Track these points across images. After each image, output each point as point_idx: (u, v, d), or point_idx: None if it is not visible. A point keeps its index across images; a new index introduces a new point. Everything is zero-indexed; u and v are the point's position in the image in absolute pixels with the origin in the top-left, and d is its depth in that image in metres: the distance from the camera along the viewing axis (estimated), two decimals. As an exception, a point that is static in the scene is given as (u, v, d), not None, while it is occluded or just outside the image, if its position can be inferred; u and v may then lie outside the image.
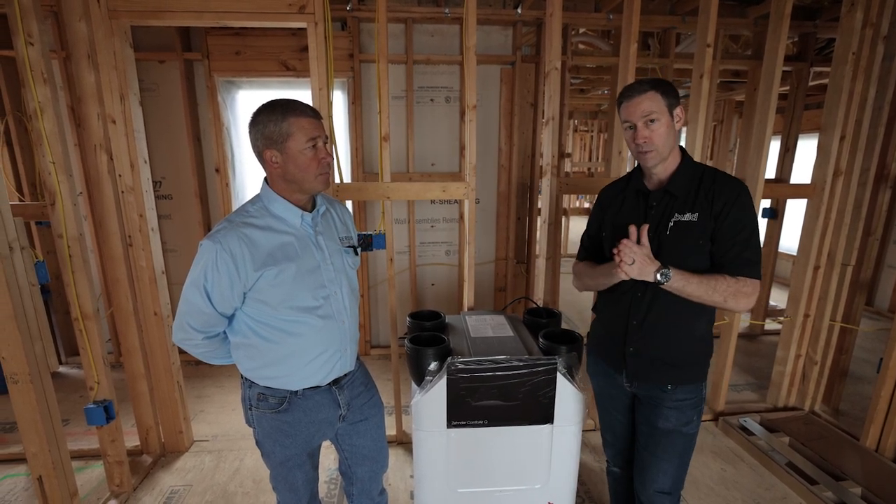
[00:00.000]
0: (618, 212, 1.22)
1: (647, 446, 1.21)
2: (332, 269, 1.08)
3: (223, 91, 2.73)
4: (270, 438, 1.09)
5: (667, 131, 1.06)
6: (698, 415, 1.19)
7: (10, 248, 1.29)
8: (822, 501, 1.71)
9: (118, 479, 1.77)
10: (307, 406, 1.08)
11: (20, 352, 1.32)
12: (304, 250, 1.03)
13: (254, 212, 1.02)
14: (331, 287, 1.07)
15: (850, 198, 2.11)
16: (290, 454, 1.10)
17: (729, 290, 1.02)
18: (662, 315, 1.12)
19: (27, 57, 1.38)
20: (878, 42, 1.97)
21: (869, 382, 2.70)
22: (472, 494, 1.29)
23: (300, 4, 1.63)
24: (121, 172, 1.73)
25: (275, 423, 1.08)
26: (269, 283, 0.98)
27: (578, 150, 8.59)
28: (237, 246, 0.96)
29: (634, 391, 1.23)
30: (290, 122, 0.96)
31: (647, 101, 1.05)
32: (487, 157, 2.99)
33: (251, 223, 1.00)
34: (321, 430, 1.13)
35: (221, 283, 0.96)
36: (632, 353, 1.18)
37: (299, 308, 1.02)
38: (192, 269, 0.99)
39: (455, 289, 3.16)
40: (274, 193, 1.02)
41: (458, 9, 2.55)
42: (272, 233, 1.01)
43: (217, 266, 0.95)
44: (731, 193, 1.05)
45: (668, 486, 1.21)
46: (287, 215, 1.03)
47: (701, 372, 1.17)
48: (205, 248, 0.96)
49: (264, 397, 1.07)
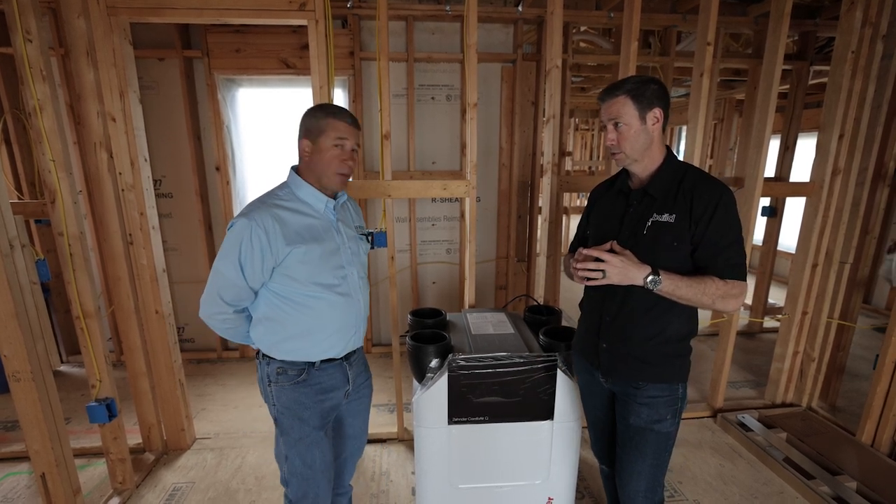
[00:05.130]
0: (601, 210, 1.25)
1: (623, 444, 1.21)
2: (349, 252, 1.18)
3: (223, 89, 2.72)
4: (290, 412, 1.15)
5: (635, 135, 1.08)
6: (673, 414, 1.15)
7: (11, 246, 1.29)
8: (819, 496, 1.72)
9: (121, 476, 1.78)
10: (322, 378, 1.16)
11: (22, 350, 1.32)
12: (326, 233, 1.13)
13: (283, 195, 1.12)
14: (348, 268, 1.17)
15: (848, 196, 2.12)
16: (308, 430, 1.16)
17: (718, 293, 1.04)
18: (634, 311, 1.12)
19: (26, 54, 1.37)
20: (877, 41, 1.97)
21: (865, 379, 2.72)
22: (473, 490, 1.31)
23: (301, 2, 1.63)
24: (121, 170, 1.73)
25: (293, 394, 1.14)
26: (298, 260, 1.08)
27: (579, 148, 8.58)
28: (270, 223, 1.05)
29: (610, 387, 1.23)
30: (328, 122, 1.10)
31: (616, 105, 1.08)
32: (488, 155, 2.99)
33: (281, 205, 1.10)
34: (334, 404, 1.20)
35: (254, 256, 1.05)
36: (604, 348, 1.18)
37: (323, 285, 1.11)
38: (224, 246, 1.07)
39: (456, 287, 3.16)
40: (301, 180, 1.14)
41: (459, 6, 2.54)
42: (300, 215, 1.11)
43: (251, 241, 1.04)
44: (711, 198, 1.04)
45: (642, 487, 1.20)
46: (312, 200, 1.14)
47: (675, 373, 1.14)
48: (240, 224, 1.05)
49: (283, 370, 1.14)
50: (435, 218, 3.07)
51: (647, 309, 1.11)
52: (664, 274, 1.03)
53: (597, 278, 1.06)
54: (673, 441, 1.18)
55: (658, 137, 1.10)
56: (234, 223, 1.07)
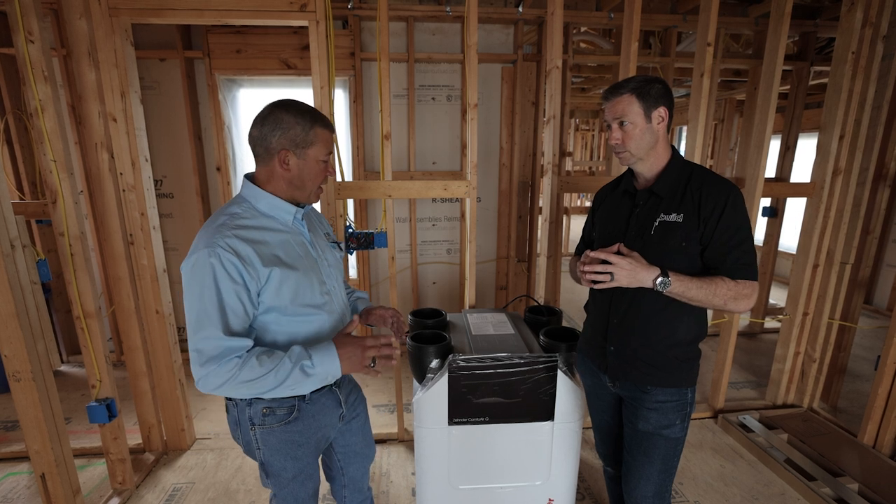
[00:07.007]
0: (606, 211, 1.23)
1: (630, 449, 1.20)
2: (327, 264, 1.08)
3: (224, 89, 2.73)
4: (280, 454, 1.03)
5: (640, 134, 1.06)
6: (682, 419, 1.14)
7: (12, 246, 1.29)
8: (820, 497, 1.72)
9: (121, 476, 1.78)
10: (314, 410, 1.05)
11: (22, 350, 1.32)
12: (300, 247, 1.01)
13: (242, 213, 0.96)
14: (329, 283, 1.06)
15: (849, 196, 2.11)
16: (302, 466, 1.06)
17: (729, 294, 1.02)
18: (643, 314, 1.11)
19: (27, 55, 1.38)
20: (878, 41, 1.97)
21: (867, 380, 2.72)
22: (473, 491, 1.30)
23: (301, 2, 1.63)
24: (122, 171, 1.73)
25: (284, 435, 1.02)
26: (278, 281, 0.93)
27: (579, 148, 8.59)
28: (239, 245, 0.89)
29: (617, 391, 1.22)
30: (318, 133, 0.96)
31: (621, 104, 1.06)
32: (489, 155, 2.99)
33: (244, 224, 0.93)
34: (327, 433, 1.11)
35: (238, 287, 0.88)
36: (612, 351, 1.17)
37: (310, 305, 0.99)
38: (192, 291, 0.87)
39: (456, 287, 3.16)
40: (262, 191, 0.98)
41: (460, 7, 2.54)
42: (268, 231, 0.96)
43: (226, 270, 0.87)
44: (720, 197, 1.03)
45: (650, 492, 1.19)
46: (278, 213, 0.99)
47: (684, 377, 1.13)
48: (201, 258, 0.86)
49: (271, 410, 1.00)
50: (435, 218, 3.07)
51: (656, 311, 1.10)
52: (673, 275, 1.02)
53: (605, 281, 1.04)
54: (682, 446, 1.17)
55: (663, 136, 1.09)
56: (193, 259, 0.87)
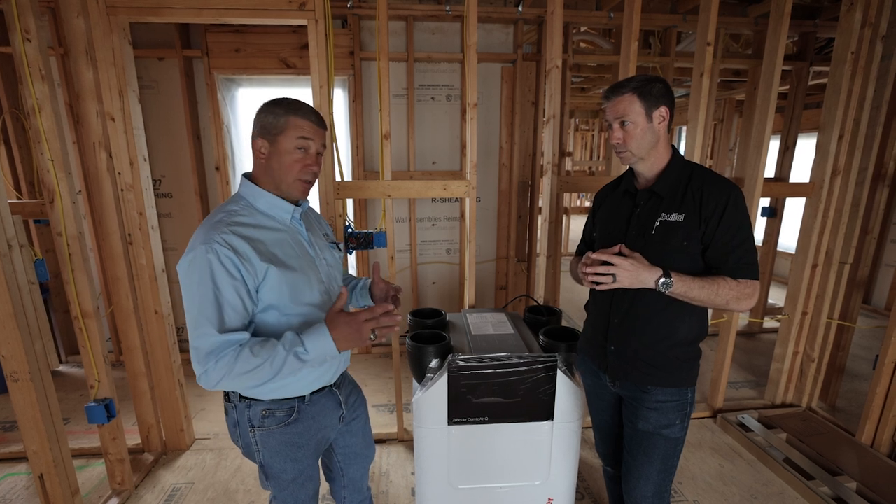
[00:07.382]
0: (607, 211, 1.23)
1: (630, 449, 1.20)
2: (325, 263, 1.07)
3: (223, 89, 2.72)
4: (280, 456, 1.02)
5: (641, 133, 1.06)
6: (682, 419, 1.14)
7: (9, 245, 1.29)
8: (818, 496, 1.72)
9: (119, 477, 1.77)
10: (314, 412, 1.04)
11: (20, 350, 1.32)
12: (298, 246, 1.00)
13: (240, 210, 0.96)
14: (328, 282, 1.06)
15: (848, 196, 2.12)
16: (302, 467, 1.05)
17: (731, 294, 1.02)
18: (644, 314, 1.11)
19: (25, 53, 1.37)
20: (877, 41, 1.98)
21: (865, 379, 2.72)
22: (472, 491, 1.30)
23: (300, 1, 1.63)
24: (120, 170, 1.72)
25: (284, 437, 1.01)
26: (276, 280, 0.92)
27: (579, 148, 8.60)
28: (236, 241, 0.89)
29: (617, 391, 1.22)
30: (289, 119, 0.94)
31: (623, 103, 1.06)
32: (488, 155, 2.99)
33: (241, 222, 0.93)
34: (327, 434, 1.11)
35: (236, 283, 0.87)
36: (613, 351, 1.17)
37: (308, 304, 0.98)
38: (190, 292, 0.87)
39: (456, 287, 3.16)
40: (259, 189, 0.98)
41: (459, 6, 2.54)
42: (265, 230, 0.95)
43: (223, 265, 0.86)
44: (721, 196, 1.03)
45: (650, 491, 1.19)
46: (275, 212, 0.99)
47: (684, 377, 1.13)
48: (199, 254, 0.86)
49: (270, 412, 0.99)
50: (435, 218, 3.07)
51: (657, 311, 1.10)
52: (675, 275, 1.02)
53: (607, 282, 1.03)
54: (681, 446, 1.17)
55: (664, 136, 1.09)
56: (190, 256, 0.86)
